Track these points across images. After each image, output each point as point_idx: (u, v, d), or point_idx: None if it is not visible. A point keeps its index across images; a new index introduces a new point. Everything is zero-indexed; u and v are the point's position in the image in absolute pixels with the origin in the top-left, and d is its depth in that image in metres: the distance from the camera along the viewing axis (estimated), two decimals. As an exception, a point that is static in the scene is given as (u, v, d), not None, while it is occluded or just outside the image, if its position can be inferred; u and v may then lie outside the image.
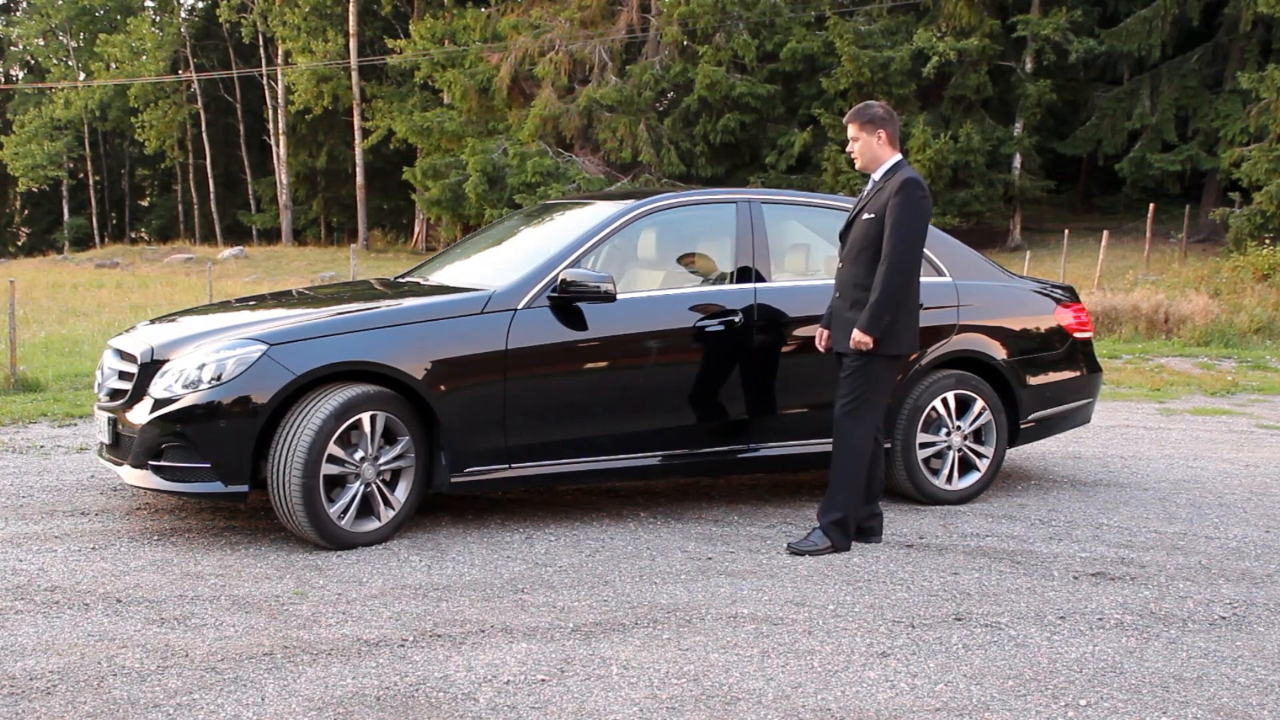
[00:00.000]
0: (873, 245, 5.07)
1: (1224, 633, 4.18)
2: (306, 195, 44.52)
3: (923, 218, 5.06)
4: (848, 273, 5.20)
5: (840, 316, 5.22)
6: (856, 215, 5.23)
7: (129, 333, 5.72)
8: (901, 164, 5.18)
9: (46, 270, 30.37)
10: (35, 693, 3.42)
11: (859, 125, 5.20)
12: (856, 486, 5.15)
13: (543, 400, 5.28)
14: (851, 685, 3.62)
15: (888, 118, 5.23)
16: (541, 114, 28.02)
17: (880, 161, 5.20)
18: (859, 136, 5.20)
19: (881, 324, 4.99)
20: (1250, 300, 16.35)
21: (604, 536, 5.30)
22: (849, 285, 5.18)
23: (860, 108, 5.28)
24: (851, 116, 5.26)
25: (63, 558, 4.78)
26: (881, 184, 5.15)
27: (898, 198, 5.02)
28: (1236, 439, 8.34)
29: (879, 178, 5.19)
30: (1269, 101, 20.72)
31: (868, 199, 5.20)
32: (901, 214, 4.99)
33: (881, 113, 5.22)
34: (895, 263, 4.98)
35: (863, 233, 5.14)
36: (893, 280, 4.97)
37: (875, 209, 5.11)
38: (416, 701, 3.42)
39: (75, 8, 46.28)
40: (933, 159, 24.09)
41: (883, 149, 5.20)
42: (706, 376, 5.59)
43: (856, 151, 5.24)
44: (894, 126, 5.23)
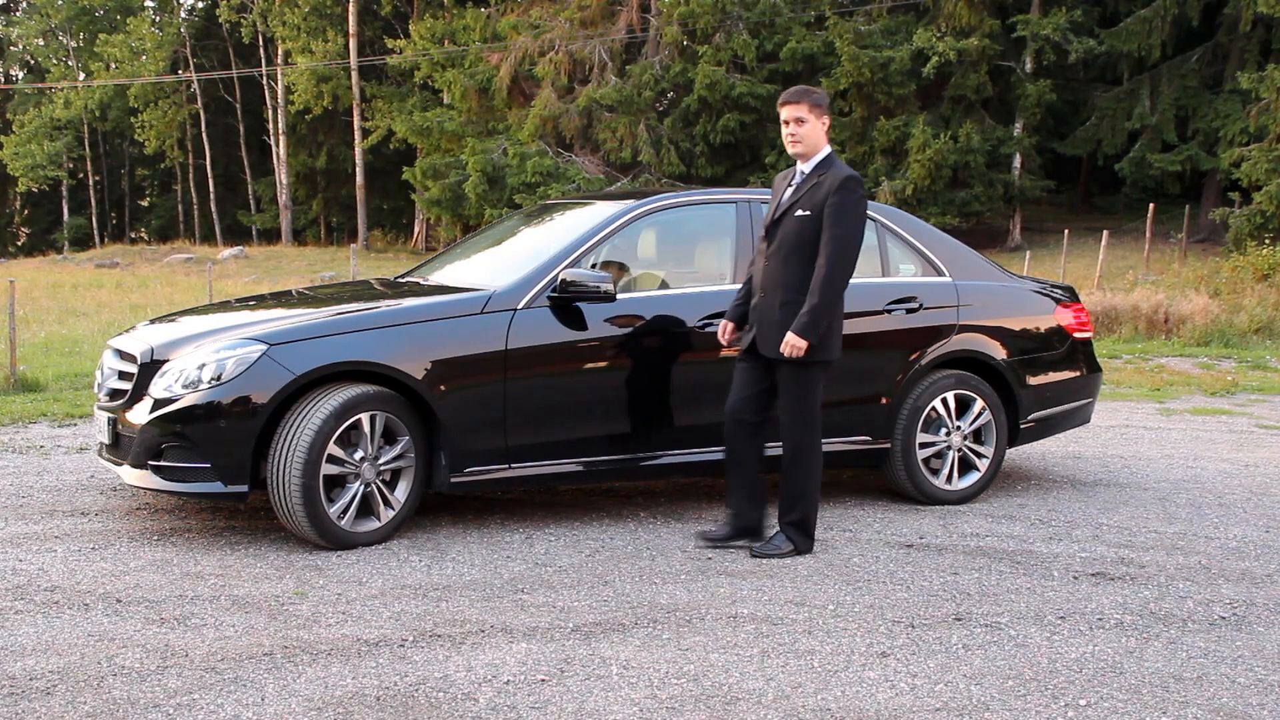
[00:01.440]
0: (808, 245, 4.83)
1: (1224, 633, 4.18)
2: (306, 195, 44.51)
3: (863, 218, 4.87)
4: (776, 272, 4.93)
5: (768, 318, 4.94)
6: (787, 211, 4.94)
7: (129, 333, 5.72)
8: (834, 157, 4.97)
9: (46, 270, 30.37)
10: (35, 693, 3.42)
11: (808, 107, 4.90)
12: (814, 487, 5.05)
13: (543, 400, 5.28)
14: (851, 685, 3.62)
15: (829, 104, 5.01)
16: (541, 114, 28.02)
17: (817, 150, 4.95)
18: (807, 119, 4.90)
19: (820, 329, 4.78)
20: (1250, 300, 16.35)
21: (604, 536, 5.30)
22: (778, 285, 4.91)
23: (804, 89, 4.97)
24: (798, 96, 4.93)
25: (63, 558, 4.78)
26: (816, 179, 4.90)
27: (837, 196, 4.78)
28: (1236, 439, 8.33)
29: (810, 170, 4.94)
30: (1269, 101, 20.71)
31: (801, 194, 4.91)
32: (842, 214, 4.78)
33: (824, 98, 4.98)
34: (836, 266, 4.76)
35: (796, 230, 4.88)
36: (833, 284, 4.77)
37: (811, 205, 4.85)
38: (416, 701, 3.42)
39: (75, 8, 46.26)
40: (933, 159, 24.09)
41: (823, 138, 4.97)
42: (706, 377, 5.58)
43: (801, 135, 4.91)
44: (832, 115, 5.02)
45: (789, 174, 5.08)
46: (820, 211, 4.81)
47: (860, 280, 6.11)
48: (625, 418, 5.46)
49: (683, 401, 5.55)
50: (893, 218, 6.27)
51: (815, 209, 4.83)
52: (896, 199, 24.11)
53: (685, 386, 5.56)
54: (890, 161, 25.48)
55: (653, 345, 5.48)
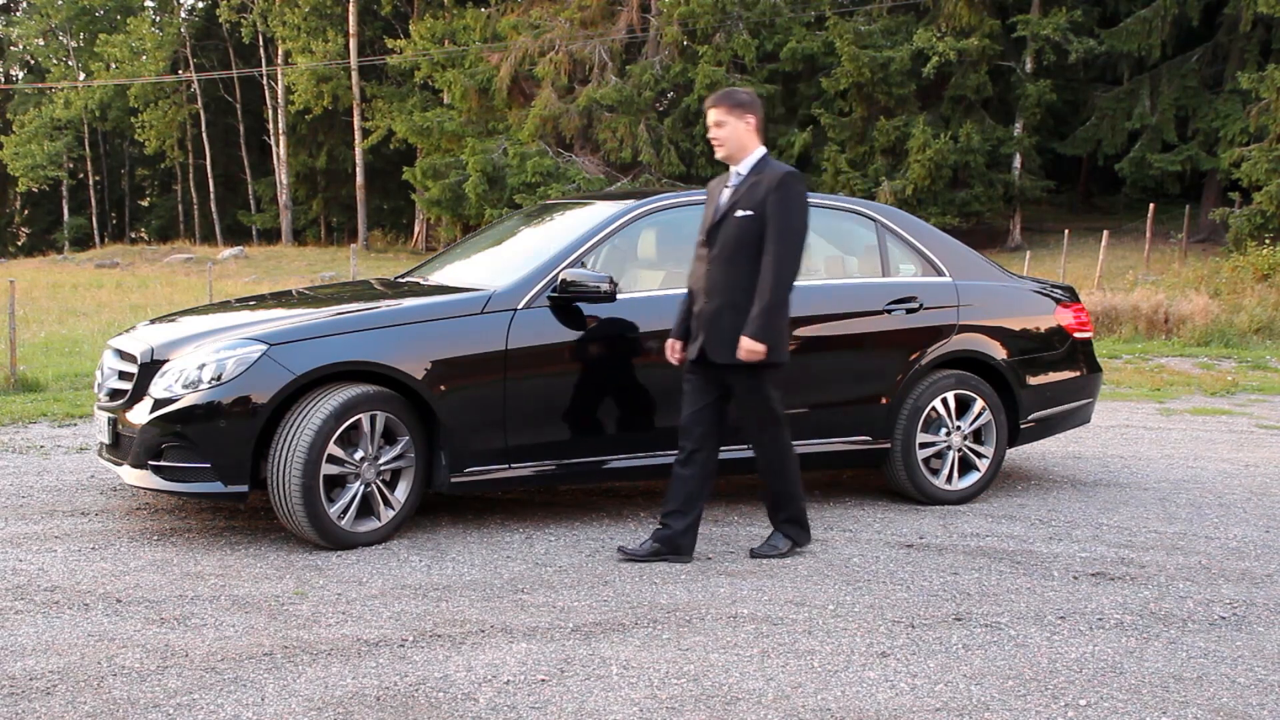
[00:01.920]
0: (752, 245, 4.72)
1: (1224, 633, 4.18)
2: (306, 195, 44.51)
3: (806, 212, 4.75)
4: (720, 275, 4.80)
5: (717, 323, 4.79)
6: (727, 213, 4.82)
7: (129, 333, 5.72)
8: (769, 156, 4.87)
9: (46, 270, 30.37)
10: (35, 693, 3.42)
11: (727, 109, 4.81)
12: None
13: (543, 400, 5.28)
14: (851, 685, 3.62)
15: (755, 103, 4.89)
16: (541, 114, 28.02)
17: (747, 151, 4.85)
18: (726, 122, 4.81)
19: (775, 330, 4.67)
20: (1250, 300, 16.35)
21: (604, 536, 5.30)
22: (724, 288, 4.78)
23: (726, 92, 4.89)
24: (717, 100, 4.85)
25: (63, 558, 4.78)
26: (753, 178, 4.79)
27: (778, 193, 4.68)
28: (1236, 439, 8.33)
29: (746, 170, 4.84)
30: (1269, 101, 20.71)
31: (739, 194, 4.80)
32: (787, 211, 4.68)
33: (748, 98, 4.87)
34: (783, 264, 4.66)
35: (738, 232, 4.75)
36: (782, 283, 4.67)
37: (752, 205, 4.73)
38: (416, 701, 3.42)
39: (75, 8, 46.26)
40: (933, 159, 24.10)
41: (750, 138, 4.84)
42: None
43: (723, 138, 4.83)
44: (760, 114, 4.86)
45: (724, 178, 4.97)
46: (762, 210, 4.70)
47: (860, 280, 6.14)
48: (625, 418, 5.46)
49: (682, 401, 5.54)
50: (893, 218, 6.27)
51: (757, 208, 4.72)
52: (896, 199, 24.11)
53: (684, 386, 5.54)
54: (890, 161, 25.48)
55: (652, 345, 5.48)
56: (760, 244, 4.70)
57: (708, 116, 4.91)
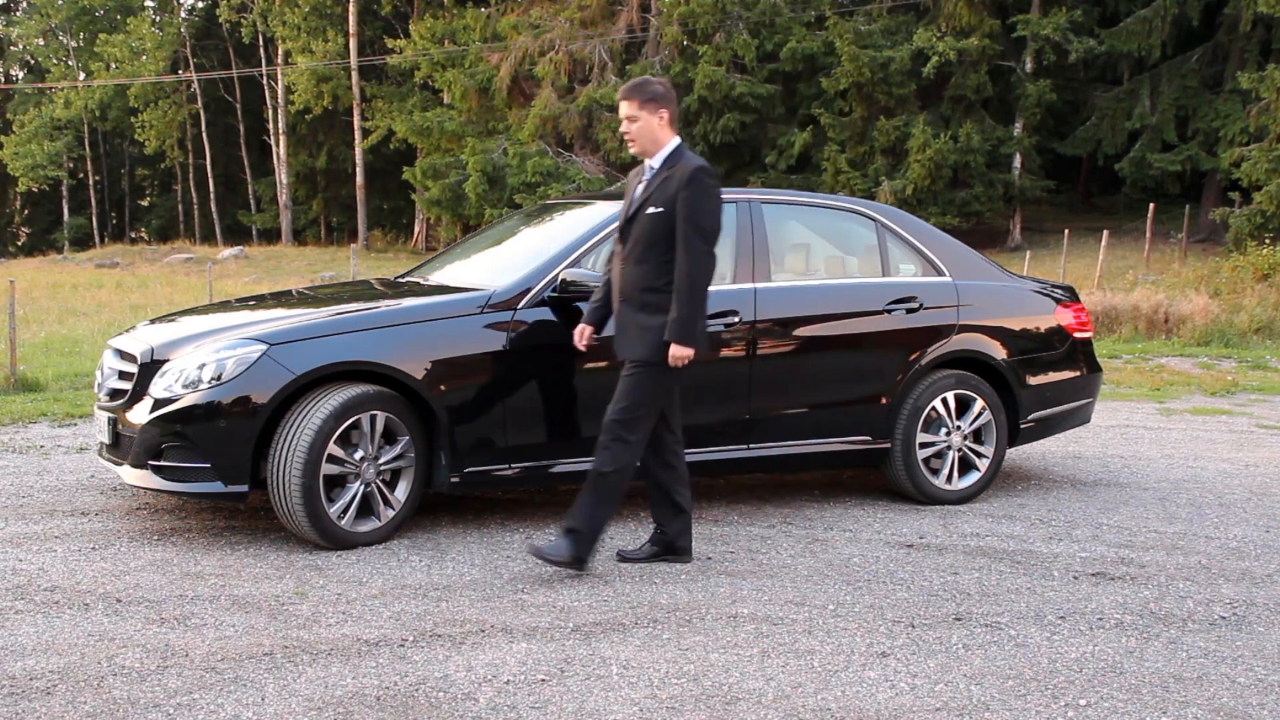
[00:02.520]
0: (663, 242, 4.54)
1: (1224, 633, 4.18)
2: (306, 195, 44.51)
3: (718, 210, 4.56)
4: (632, 273, 4.64)
5: (626, 321, 4.66)
6: (639, 209, 4.65)
7: (129, 333, 5.72)
8: (683, 149, 4.67)
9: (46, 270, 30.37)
10: (35, 693, 3.42)
11: (639, 103, 4.62)
12: (613, 501, 4.65)
13: (543, 400, 5.28)
14: (851, 685, 3.62)
15: (669, 95, 4.68)
16: (541, 114, 28.02)
17: (660, 145, 4.66)
18: (638, 116, 4.62)
19: (697, 330, 4.50)
20: (1250, 300, 16.35)
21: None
22: (636, 287, 4.63)
23: (638, 83, 4.67)
24: (628, 93, 4.65)
25: (63, 558, 4.78)
26: (665, 173, 4.60)
27: (689, 190, 4.49)
28: (1236, 439, 8.34)
29: (659, 165, 4.65)
30: (1269, 101, 20.71)
31: (651, 190, 4.62)
32: (696, 208, 4.49)
33: (662, 90, 4.67)
34: (697, 263, 4.48)
35: (649, 229, 4.58)
36: (696, 284, 4.49)
37: (663, 202, 4.55)
38: (416, 701, 3.42)
39: (75, 8, 46.26)
40: (933, 159, 24.09)
41: (663, 131, 4.65)
42: (706, 376, 5.58)
43: (634, 133, 4.65)
44: (675, 106, 4.67)
45: (639, 171, 4.79)
46: (672, 207, 4.52)
47: (860, 280, 6.15)
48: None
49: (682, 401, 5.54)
50: (893, 218, 6.27)
51: (667, 204, 4.54)
52: (896, 199, 24.11)
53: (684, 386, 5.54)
54: (890, 161, 25.48)
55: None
56: (670, 241, 4.52)
57: (619, 109, 4.70)
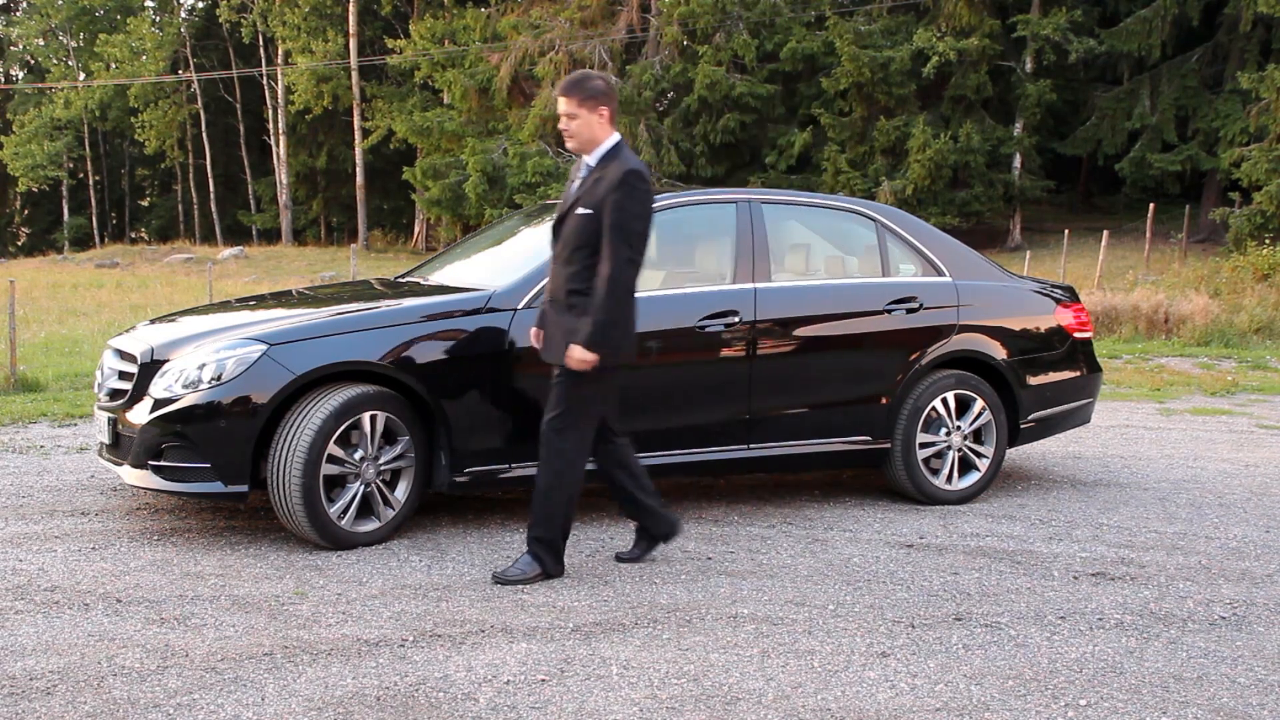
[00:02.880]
0: (589, 244, 4.41)
1: (1224, 633, 4.18)
2: (306, 195, 44.52)
3: (647, 215, 4.41)
4: (561, 275, 4.54)
5: (554, 322, 4.56)
6: (570, 208, 4.53)
7: (129, 333, 5.72)
8: (620, 147, 4.52)
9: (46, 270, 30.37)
10: (35, 693, 3.42)
11: (578, 101, 4.48)
12: (566, 507, 4.57)
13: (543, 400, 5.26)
14: (851, 685, 3.62)
15: (609, 92, 4.54)
16: (541, 114, 28.00)
17: (598, 143, 4.52)
18: (577, 114, 4.48)
19: (610, 340, 4.37)
20: (1250, 300, 16.35)
21: (604, 536, 5.30)
22: (563, 289, 4.52)
23: (578, 79, 4.54)
24: (567, 89, 4.51)
25: (63, 558, 4.78)
26: (599, 172, 4.47)
27: (617, 193, 4.35)
28: (1236, 439, 8.34)
29: (595, 163, 4.51)
30: (1269, 101, 20.71)
31: (584, 189, 4.51)
32: (623, 213, 4.34)
33: (603, 86, 4.53)
34: (618, 270, 4.34)
35: (577, 229, 4.45)
36: (616, 290, 4.34)
37: (592, 203, 4.42)
38: (416, 701, 3.42)
39: (75, 8, 46.26)
40: (933, 159, 24.09)
41: (602, 128, 4.51)
42: (706, 377, 5.59)
43: (573, 130, 4.51)
44: (615, 102, 4.55)
45: (579, 166, 4.66)
46: (600, 209, 4.39)
47: (860, 280, 6.15)
48: (625, 417, 5.45)
49: (681, 401, 5.55)
50: (893, 218, 6.27)
51: (595, 206, 4.40)
52: (896, 199, 24.11)
53: (684, 386, 5.56)
54: (890, 161, 25.48)
55: (652, 345, 5.48)
56: (596, 244, 4.39)
57: (558, 105, 4.56)
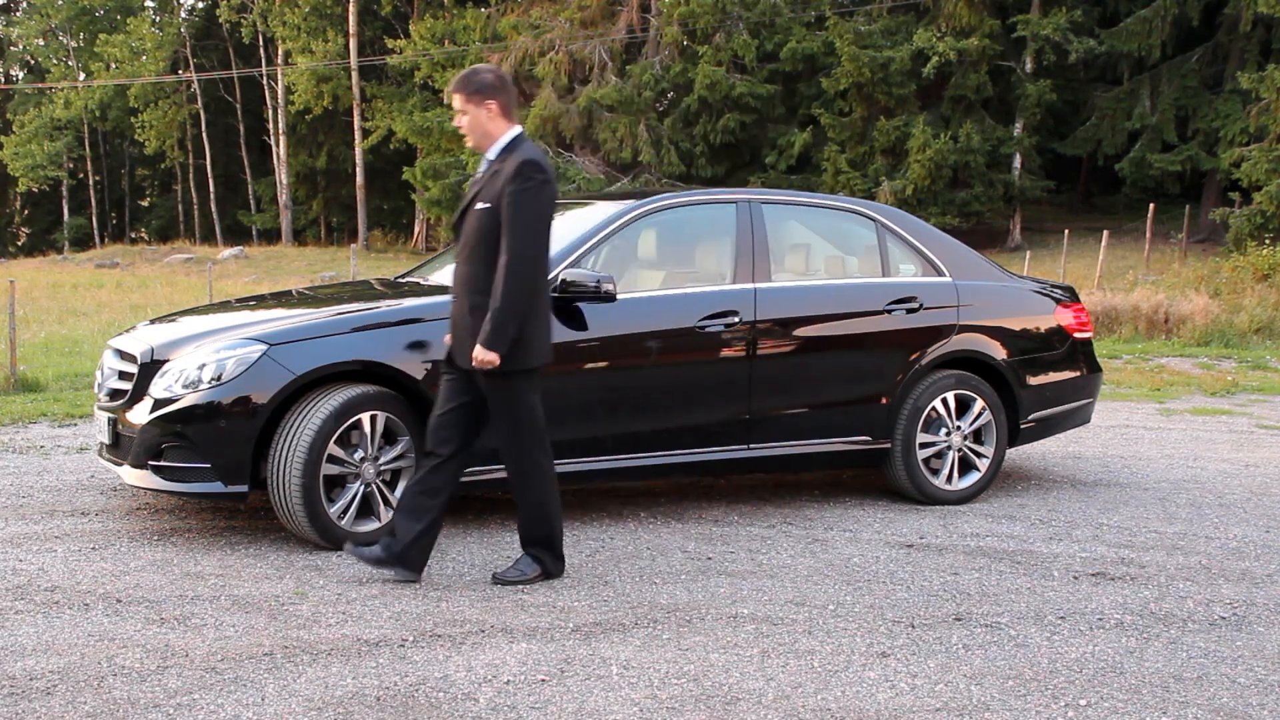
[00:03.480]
0: (488, 240, 4.33)
1: (1224, 633, 4.18)
2: (306, 195, 44.50)
3: (545, 206, 4.32)
4: (463, 272, 4.45)
5: (459, 323, 4.44)
6: (470, 204, 4.46)
7: (129, 333, 5.72)
8: (519, 140, 4.43)
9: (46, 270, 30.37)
10: (35, 693, 3.42)
11: (465, 97, 4.41)
12: (551, 501, 4.53)
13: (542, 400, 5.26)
14: (851, 685, 3.62)
15: (499, 85, 4.45)
16: (541, 114, 28.01)
17: (494, 138, 4.44)
18: (465, 109, 4.41)
19: (507, 337, 4.25)
20: (1250, 300, 16.34)
21: (604, 536, 5.30)
22: (466, 287, 4.42)
23: (466, 75, 4.47)
24: (456, 86, 4.45)
25: (63, 558, 4.78)
26: (498, 165, 4.39)
27: (513, 185, 4.27)
28: (1236, 439, 8.34)
29: (494, 157, 4.43)
30: (1269, 101, 20.71)
31: (483, 184, 4.43)
32: (519, 205, 4.25)
33: (491, 80, 4.44)
34: (516, 265, 4.24)
35: (477, 225, 4.38)
36: (515, 285, 4.24)
37: (490, 197, 4.34)
38: (416, 701, 3.42)
39: (75, 8, 46.25)
40: (933, 159, 24.08)
41: (494, 123, 4.42)
42: (706, 377, 5.59)
43: (465, 127, 4.46)
44: (507, 95, 4.44)
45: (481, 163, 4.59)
46: (499, 202, 4.30)
47: (860, 280, 6.15)
48: (625, 417, 5.46)
49: (682, 401, 5.55)
50: (893, 218, 6.28)
51: (494, 200, 4.32)
52: (896, 199, 24.10)
53: (685, 386, 5.56)
54: (890, 161, 25.47)
55: (652, 345, 5.48)
56: (497, 239, 4.30)
57: (453, 102, 4.48)
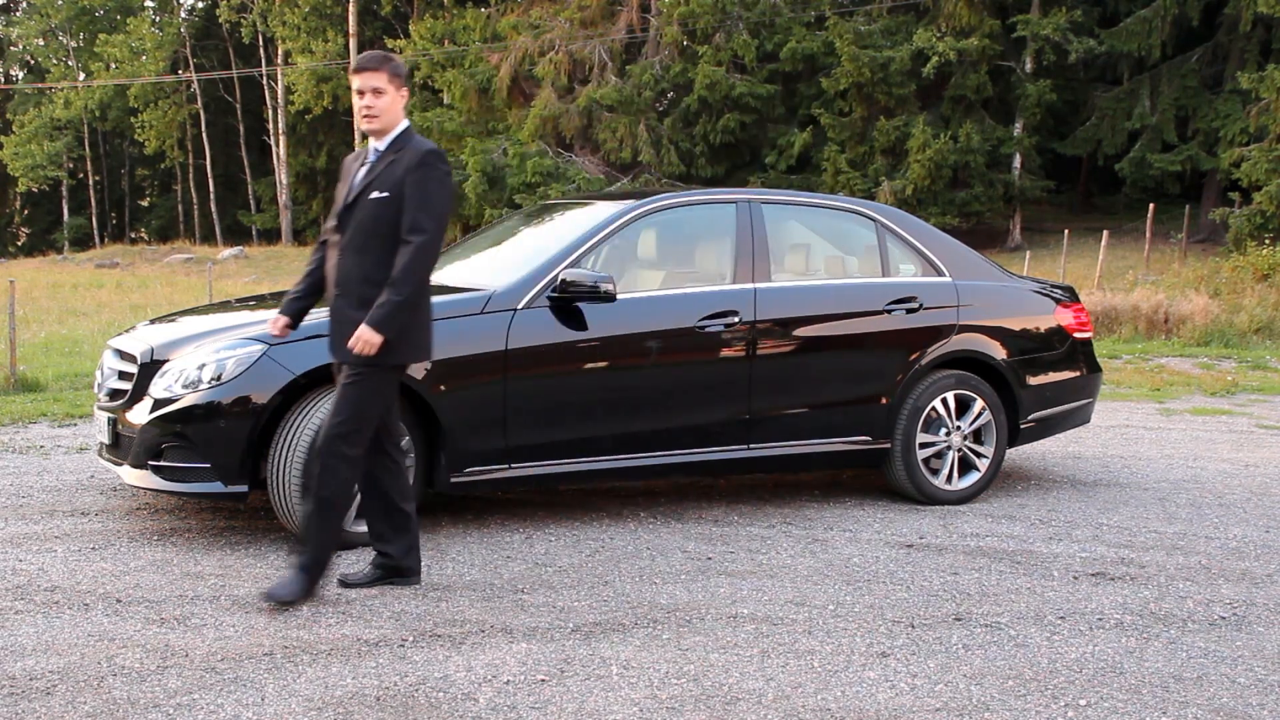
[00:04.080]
0: (386, 231, 4.23)
1: (1224, 633, 4.18)
2: (306, 195, 44.52)
3: (449, 196, 4.30)
4: (352, 264, 4.29)
5: (343, 318, 4.28)
6: (361, 194, 4.30)
7: (129, 333, 5.72)
8: (411, 132, 4.36)
9: (46, 270, 30.37)
10: (35, 693, 3.42)
11: (388, 76, 4.26)
12: (340, 523, 4.34)
13: (543, 400, 5.28)
14: (851, 685, 3.62)
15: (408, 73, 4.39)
16: (541, 114, 28.02)
17: (393, 126, 4.33)
18: (386, 89, 4.26)
19: (397, 323, 4.17)
20: (1250, 300, 16.34)
21: (604, 536, 5.30)
22: (355, 280, 4.27)
23: (385, 55, 4.34)
24: (377, 63, 4.27)
25: (63, 558, 4.78)
26: (392, 155, 4.28)
27: (419, 173, 4.21)
28: (1236, 439, 8.34)
29: (385, 147, 4.31)
30: (1269, 101, 20.71)
31: (376, 174, 4.28)
32: (429, 192, 4.21)
33: (404, 67, 4.39)
34: (422, 252, 4.19)
35: (373, 215, 4.24)
36: (418, 272, 4.19)
37: (389, 185, 4.23)
38: (416, 701, 3.42)
39: (75, 8, 46.28)
40: (933, 159, 24.09)
41: (398, 111, 4.34)
42: (706, 377, 5.59)
43: (379, 109, 4.26)
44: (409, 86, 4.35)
45: (360, 154, 4.45)
46: (399, 191, 4.22)
47: (860, 280, 6.15)
48: (625, 417, 5.46)
49: (682, 401, 5.55)
50: (892, 218, 6.28)
51: (394, 189, 4.23)
52: (896, 199, 24.11)
53: (684, 386, 5.56)
54: (890, 161, 25.48)
55: (652, 345, 5.48)
56: (396, 229, 4.22)
57: (359, 80, 4.26)
